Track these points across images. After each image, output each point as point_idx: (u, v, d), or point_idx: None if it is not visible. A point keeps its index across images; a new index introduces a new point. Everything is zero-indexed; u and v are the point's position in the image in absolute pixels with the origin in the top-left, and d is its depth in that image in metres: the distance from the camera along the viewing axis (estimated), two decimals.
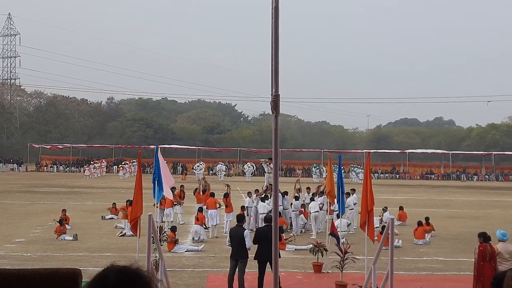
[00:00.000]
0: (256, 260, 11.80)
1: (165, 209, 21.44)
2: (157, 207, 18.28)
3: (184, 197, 24.06)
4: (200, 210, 20.32)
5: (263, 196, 21.03)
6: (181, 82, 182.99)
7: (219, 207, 21.20)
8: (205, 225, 19.85)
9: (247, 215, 20.33)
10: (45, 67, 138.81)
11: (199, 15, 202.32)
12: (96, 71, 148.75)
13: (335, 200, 16.34)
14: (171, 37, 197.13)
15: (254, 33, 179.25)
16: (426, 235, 19.69)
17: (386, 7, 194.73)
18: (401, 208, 24.71)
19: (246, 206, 21.11)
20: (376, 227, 19.55)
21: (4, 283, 2.58)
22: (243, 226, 13.01)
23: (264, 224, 13.04)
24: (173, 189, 21.22)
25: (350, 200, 22.12)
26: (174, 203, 22.06)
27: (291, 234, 19.77)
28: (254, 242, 11.88)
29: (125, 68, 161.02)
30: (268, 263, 11.42)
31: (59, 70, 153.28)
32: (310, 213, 21.22)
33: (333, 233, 14.82)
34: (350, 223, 21.01)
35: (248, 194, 22.71)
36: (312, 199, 21.88)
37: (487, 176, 72.31)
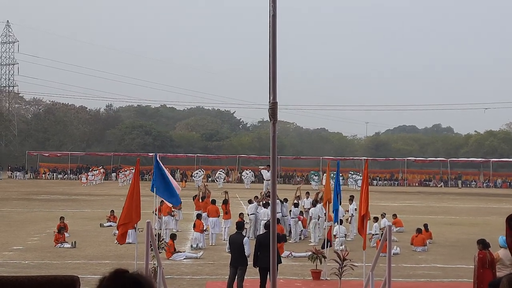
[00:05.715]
0: (257, 268, 11.74)
1: (163, 217, 21.28)
2: (155, 214, 18.23)
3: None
4: (199, 217, 20.23)
5: (264, 202, 21.00)
6: (179, 89, 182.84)
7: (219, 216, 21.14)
8: (203, 230, 19.74)
9: (250, 220, 20.56)
10: (44, 75, 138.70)
11: (198, 23, 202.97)
12: (94, 78, 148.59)
13: (331, 207, 16.34)
14: (170, 45, 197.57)
15: (252, 41, 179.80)
16: (427, 241, 19.66)
17: (385, 13, 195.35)
18: (394, 216, 24.40)
19: (250, 214, 21.16)
20: (376, 234, 19.60)
21: None
22: (243, 233, 12.99)
23: (264, 231, 13.02)
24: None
25: (352, 207, 22.07)
26: (173, 211, 21.94)
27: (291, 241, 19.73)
28: (255, 249, 11.80)
29: (123, 76, 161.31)
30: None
31: (58, 77, 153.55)
32: (310, 220, 21.18)
33: (326, 238, 14.87)
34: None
35: (249, 201, 22.70)
36: (314, 205, 21.79)
37: (485, 183, 72.36)
